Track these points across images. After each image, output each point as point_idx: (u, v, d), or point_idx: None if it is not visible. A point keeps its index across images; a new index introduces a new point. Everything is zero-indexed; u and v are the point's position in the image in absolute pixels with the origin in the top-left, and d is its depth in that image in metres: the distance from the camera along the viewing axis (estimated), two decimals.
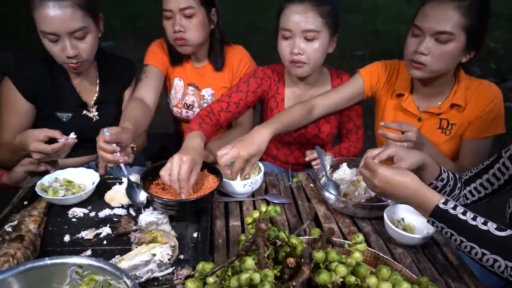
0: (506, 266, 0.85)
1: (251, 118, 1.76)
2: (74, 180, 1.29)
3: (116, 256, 0.98)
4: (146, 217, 1.12)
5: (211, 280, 0.80)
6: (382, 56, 1.71)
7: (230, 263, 0.83)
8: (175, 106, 1.79)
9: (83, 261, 0.77)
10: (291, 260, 0.78)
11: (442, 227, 0.93)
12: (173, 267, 0.96)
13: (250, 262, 0.77)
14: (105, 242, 1.07)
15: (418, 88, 1.45)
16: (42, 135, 1.22)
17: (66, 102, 1.50)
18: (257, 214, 0.94)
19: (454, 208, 0.91)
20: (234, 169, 1.27)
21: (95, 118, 1.56)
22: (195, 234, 1.10)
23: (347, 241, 0.94)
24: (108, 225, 1.12)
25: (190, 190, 1.14)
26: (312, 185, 1.43)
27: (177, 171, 1.11)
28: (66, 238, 1.08)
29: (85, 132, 1.51)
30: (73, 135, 1.25)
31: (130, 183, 1.22)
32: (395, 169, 1.01)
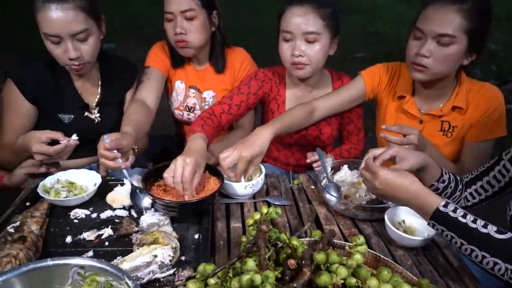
0: (506, 269, 0.85)
1: (252, 120, 1.76)
2: (76, 181, 1.30)
3: (117, 257, 0.99)
4: (148, 218, 1.12)
5: (212, 281, 0.81)
6: (383, 58, 1.71)
7: (231, 265, 0.83)
8: (177, 108, 1.79)
9: (85, 262, 0.78)
10: (292, 261, 0.78)
11: (443, 230, 0.93)
12: (174, 269, 0.96)
13: (251, 263, 0.77)
14: (106, 243, 1.07)
15: (419, 90, 1.45)
16: (44, 137, 1.22)
17: (68, 104, 1.50)
18: (258, 216, 0.94)
19: (454, 211, 0.92)
20: (237, 171, 1.27)
21: (97, 119, 1.56)
22: (196, 236, 1.11)
23: (348, 243, 0.94)
24: (109, 226, 1.13)
25: (193, 192, 1.14)
26: (313, 187, 1.43)
27: (180, 173, 1.12)
28: (68, 239, 1.08)
29: (87, 133, 1.51)
30: (75, 137, 1.25)
31: (133, 188, 1.22)
32: (396, 171, 1.02)
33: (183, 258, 1.02)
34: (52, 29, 1.29)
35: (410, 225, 1.16)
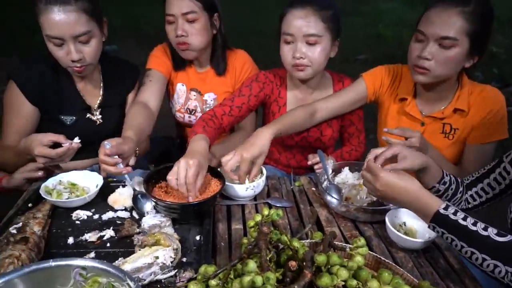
0: (507, 271, 0.85)
1: (254, 122, 1.77)
2: (78, 182, 1.30)
3: (119, 258, 0.99)
4: (149, 220, 1.12)
5: (214, 282, 0.81)
6: (385, 60, 1.71)
7: (233, 266, 0.83)
8: (178, 111, 1.79)
9: (87, 263, 0.78)
10: (293, 263, 0.78)
11: (443, 232, 0.93)
12: (175, 270, 0.96)
13: (252, 265, 0.77)
14: (108, 244, 1.08)
15: (421, 92, 1.45)
16: (46, 140, 1.23)
17: (70, 106, 1.51)
18: (259, 218, 0.95)
19: (455, 213, 0.92)
20: (240, 173, 1.28)
21: (99, 121, 1.57)
22: (198, 237, 1.11)
23: (349, 244, 0.94)
24: (111, 227, 1.13)
25: (197, 193, 1.15)
26: (314, 188, 1.43)
27: (184, 175, 1.12)
28: (70, 240, 1.08)
29: (88, 135, 1.52)
30: (77, 140, 1.25)
31: (136, 193, 1.22)
32: (397, 173, 1.02)
33: (185, 259, 1.02)
34: (54, 31, 1.29)
35: (411, 227, 1.16)
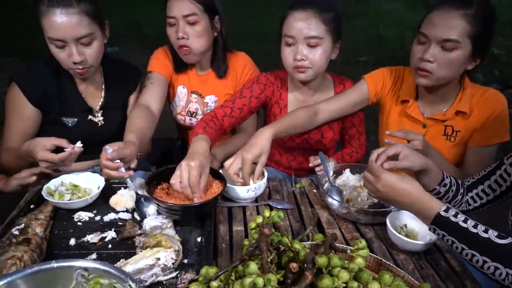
0: (507, 273, 0.85)
1: (255, 124, 1.77)
2: (79, 184, 1.31)
3: (120, 260, 0.99)
4: (151, 221, 1.13)
5: (215, 284, 0.81)
6: (386, 62, 1.72)
7: (234, 268, 0.83)
8: (179, 113, 1.80)
9: (89, 264, 0.78)
10: (294, 265, 0.79)
11: (443, 235, 0.93)
12: (177, 271, 0.97)
13: (253, 266, 0.78)
14: (110, 246, 1.08)
15: (423, 94, 1.45)
16: (49, 144, 1.23)
17: (71, 107, 1.51)
18: (260, 219, 0.95)
19: (455, 215, 0.92)
20: (243, 174, 1.28)
21: (101, 123, 1.57)
22: (199, 239, 1.11)
23: (350, 246, 0.95)
24: (113, 229, 1.14)
25: (202, 193, 1.16)
26: (315, 190, 1.43)
27: (187, 178, 1.13)
28: (72, 241, 1.09)
29: (90, 137, 1.53)
30: (79, 144, 1.25)
31: (138, 197, 1.23)
32: (399, 175, 1.02)
33: (186, 261, 1.02)
34: (56, 33, 1.30)
35: (412, 229, 1.16)
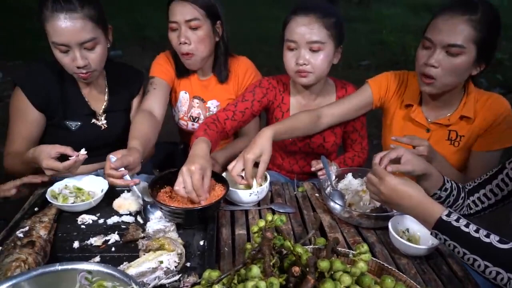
0: (509, 278, 0.85)
1: (257, 127, 1.77)
2: (83, 187, 1.32)
3: (124, 262, 1.00)
4: (154, 224, 1.14)
5: (217, 287, 0.82)
6: (388, 66, 1.72)
7: (236, 271, 0.84)
8: (181, 118, 1.80)
9: (93, 267, 0.79)
10: (296, 269, 0.79)
11: (445, 239, 0.93)
12: (179, 275, 0.97)
13: (256, 270, 0.78)
14: (113, 249, 1.09)
15: (427, 99, 1.45)
16: (54, 152, 1.23)
17: (75, 111, 1.52)
18: (263, 223, 0.95)
19: (457, 220, 0.92)
20: (245, 174, 1.29)
21: (104, 126, 1.58)
22: (202, 242, 1.12)
23: (352, 251, 0.95)
24: (116, 232, 1.14)
25: (207, 195, 1.17)
26: (317, 194, 1.43)
27: (190, 182, 1.14)
28: (75, 244, 1.09)
29: (94, 140, 1.54)
30: (83, 152, 1.25)
31: (145, 204, 1.23)
32: (402, 179, 1.03)
33: (189, 264, 1.03)
34: (60, 38, 1.30)
35: (414, 233, 1.16)
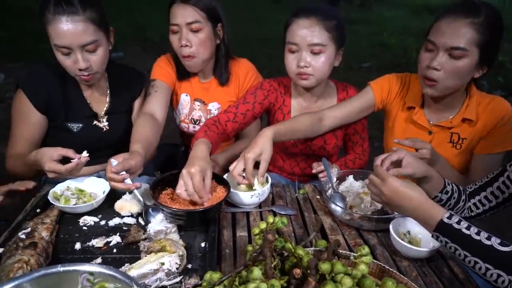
0: (510, 281, 0.85)
1: (258, 129, 1.77)
2: (85, 189, 1.32)
3: (125, 264, 1.00)
4: (155, 225, 1.14)
5: None
6: (389, 68, 1.73)
7: (238, 273, 0.84)
8: (182, 121, 1.80)
9: (95, 268, 0.79)
10: (298, 271, 0.79)
11: (446, 242, 0.93)
12: (181, 276, 0.97)
13: (257, 272, 0.78)
14: (115, 250, 1.09)
15: (429, 102, 1.45)
16: (56, 155, 1.23)
17: (77, 113, 1.52)
18: (264, 225, 0.96)
19: (458, 222, 0.92)
20: (246, 173, 1.29)
21: (105, 128, 1.58)
22: (203, 244, 1.12)
23: (353, 253, 0.95)
24: (118, 233, 1.15)
25: (209, 196, 1.17)
26: (318, 196, 1.44)
27: (191, 185, 1.15)
28: (77, 245, 1.10)
29: (95, 142, 1.54)
30: (85, 154, 1.25)
31: (146, 208, 1.23)
32: (404, 181, 1.03)
33: (190, 266, 1.03)
34: (62, 41, 1.31)
35: (415, 236, 1.16)
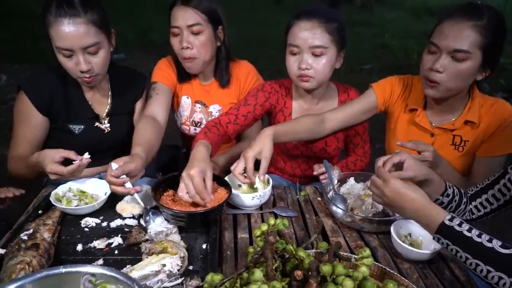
0: (511, 283, 0.85)
1: (259, 131, 1.76)
2: (87, 190, 1.32)
3: (127, 265, 1.01)
4: (156, 226, 1.14)
5: None
6: (390, 70, 1.73)
7: (239, 275, 0.84)
8: (183, 123, 1.80)
9: (97, 270, 0.79)
10: (299, 272, 0.79)
11: (448, 244, 0.93)
12: (182, 278, 0.97)
13: (258, 274, 0.78)
14: (116, 251, 1.09)
15: (431, 104, 1.45)
16: (58, 157, 1.23)
17: (78, 114, 1.53)
18: (265, 227, 0.96)
19: (460, 225, 0.92)
20: (247, 171, 1.30)
21: (107, 129, 1.59)
22: (204, 245, 1.12)
23: (354, 255, 0.95)
24: (119, 235, 1.15)
25: (212, 196, 1.18)
26: (319, 198, 1.44)
27: (191, 187, 1.15)
28: (79, 247, 1.10)
29: (97, 143, 1.55)
30: (87, 155, 1.25)
31: (146, 211, 1.22)
32: (406, 182, 1.03)
33: (191, 267, 1.03)
34: (64, 43, 1.31)
35: (417, 238, 1.16)
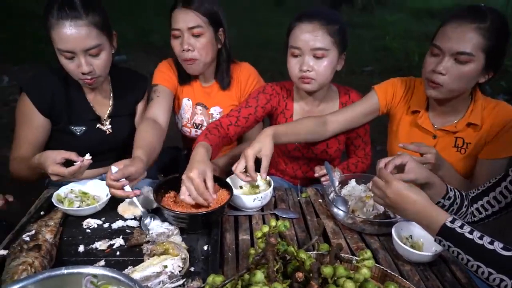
0: None
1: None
2: (88, 191, 1.33)
3: (128, 267, 1.01)
4: (157, 227, 1.14)
5: None
6: (391, 72, 1.72)
7: (240, 276, 0.84)
8: (184, 125, 1.80)
9: (98, 271, 0.80)
10: (300, 274, 0.80)
11: (449, 246, 0.94)
12: (183, 279, 0.97)
13: (260, 275, 0.79)
14: (118, 253, 1.09)
15: (433, 106, 1.45)
16: (59, 158, 1.23)
17: (80, 116, 1.53)
18: (267, 229, 0.96)
19: (461, 227, 0.92)
20: (248, 169, 1.30)
21: (109, 131, 1.59)
22: (206, 247, 1.12)
23: (355, 257, 0.95)
24: (121, 236, 1.15)
25: (214, 196, 1.19)
26: (320, 200, 1.44)
27: (193, 189, 1.16)
28: (81, 248, 1.10)
29: (98, 145, 1.55)
30: (88, 157, 1.25)
31: (145, 215, 1.22)
32: (407, 184, 1.04)
33: (193, 269, 1.04)
34: (66, 45, 1.31)
35: (418, 240, 1.16)
